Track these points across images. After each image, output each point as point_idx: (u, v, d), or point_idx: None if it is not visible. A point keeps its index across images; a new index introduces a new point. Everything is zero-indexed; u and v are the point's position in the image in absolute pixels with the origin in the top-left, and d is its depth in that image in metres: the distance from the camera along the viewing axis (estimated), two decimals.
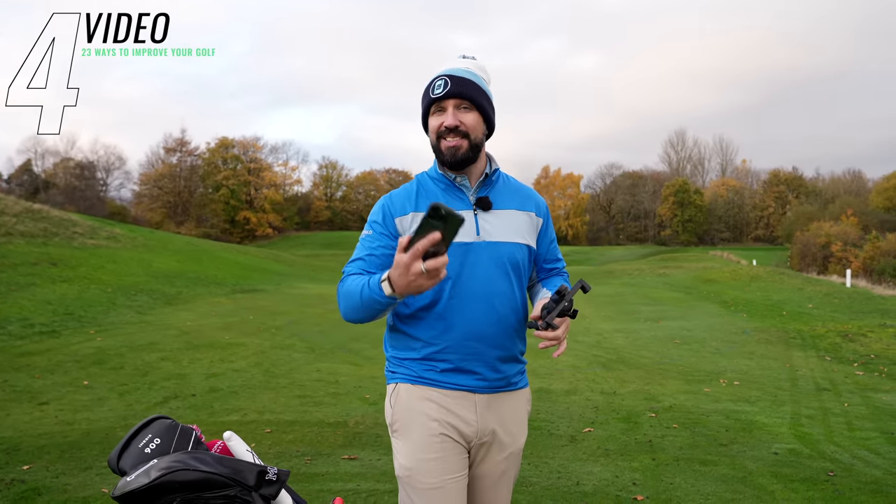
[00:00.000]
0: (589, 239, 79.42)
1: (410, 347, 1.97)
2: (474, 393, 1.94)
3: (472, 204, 1.99)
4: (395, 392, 1.98)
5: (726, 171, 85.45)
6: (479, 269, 1.92)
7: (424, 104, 1.98)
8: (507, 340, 1.97)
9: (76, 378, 7.65)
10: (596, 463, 4.81)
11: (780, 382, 8.02)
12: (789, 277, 23.07)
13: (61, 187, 60.59)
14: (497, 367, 1.96)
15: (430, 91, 1.94)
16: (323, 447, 5.18)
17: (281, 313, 13.98)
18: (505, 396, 2.01)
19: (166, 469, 1.38)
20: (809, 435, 5.69)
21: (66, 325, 10.94)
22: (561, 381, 7.94)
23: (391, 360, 2.04)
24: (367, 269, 1.92)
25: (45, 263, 15.54)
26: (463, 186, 2.00)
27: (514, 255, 1.98)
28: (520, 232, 2.02)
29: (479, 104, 1.95)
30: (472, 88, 1.94)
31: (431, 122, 1.97)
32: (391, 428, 1.99)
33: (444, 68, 1.98)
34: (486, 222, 1.97)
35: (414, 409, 1.93)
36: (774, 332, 12.12)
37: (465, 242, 1.91)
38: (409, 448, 1.92)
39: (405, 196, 2.01)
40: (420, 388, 1.94)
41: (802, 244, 43.10)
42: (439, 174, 2.02)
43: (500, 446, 1.99)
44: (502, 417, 1.99)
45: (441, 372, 1.93)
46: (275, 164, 75.93)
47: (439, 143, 1.95)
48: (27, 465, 4.61)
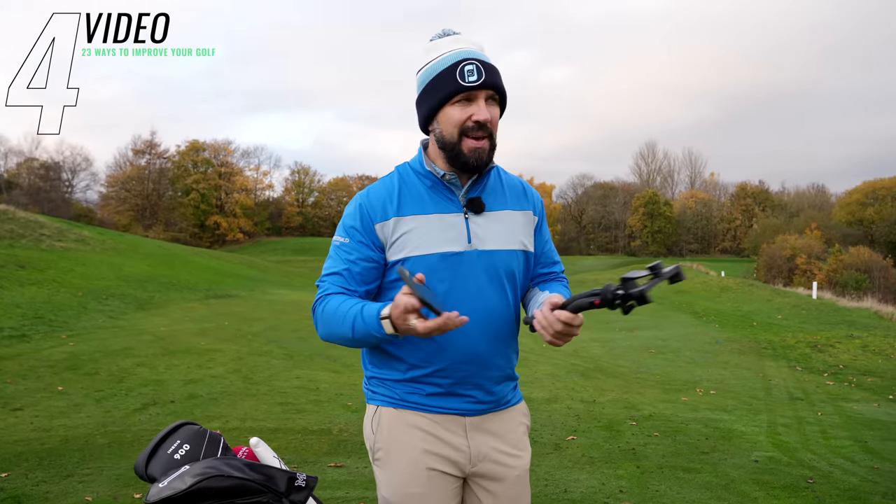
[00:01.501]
0: (560, 248, 79.85)
1: (394, 368, 1.75)
2: (464, 416, 1.75)
3: (462, 206, 1.74)
4: (377, 416, 1.78)
5: (695, 184, 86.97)
6: (471, 283, 1.70)
7: (445, 91, 1.66)
8: (501, 360, 1.77)
9: (50, 384, 7.47)
10: (582, 470, 4.86)
11: (754, 392, 8.18)
12: (758, 289, 23.54)
13: (24, 188, 59.18)
14: (491, 388, 1.76)
15: (459, 76, 1.64)
16: (308, 455, 5.15)
17: (257, 319, 13.83)
18: (498, 416, 1.80)
19: (201, 475, 1.38)
20: (787, 443, 5.81)
21: (37, 329, 10.69)
22: (541, 389, 8.00)
23: (371, 379, 1.83)
24: (346, 286, 1.70)
25: (12, 266, 15.18)
26: (452, 185, 1.75)
27: (510, 264, 1.77)
28: (516, 236, 1.79)
29: (504, 100, 1.75)
30: (501, 78, 1.71)
31: (452, 112, 1.67)
32: (372, 455, 1.80)
33: (460, 48, 1.70)
34: (478, 227, 1.73)
35: (398, 437, 1.74)
36: (746, 343, 12.35)
37: (455, 252, 1.69)
38: (392, 480, 1.73)
39: (385, 195, 1.74)
40: (404, 412, 1.74)
41: (769, 256, 44.03)
42: (426, 170, 1.76)
43: (502, 471, 1.78)
44: (497, 438, 1.79)
45: (427, 396, 1.73)
46: (246, 169, 75.32)
47: (461, 141, 1.67)
48: (5, 473, 4.50)
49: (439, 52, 1.70)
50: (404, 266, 1.68)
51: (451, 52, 1.69)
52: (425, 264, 1.67)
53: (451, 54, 1.68)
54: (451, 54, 1.68)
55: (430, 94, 1.70)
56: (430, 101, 1.71)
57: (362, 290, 1.73)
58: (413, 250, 1.69)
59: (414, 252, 1.68)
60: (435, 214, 1.72)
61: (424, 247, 1.69)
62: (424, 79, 1.72)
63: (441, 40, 1.73)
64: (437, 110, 1.70)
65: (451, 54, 1.68)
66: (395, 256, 1.71)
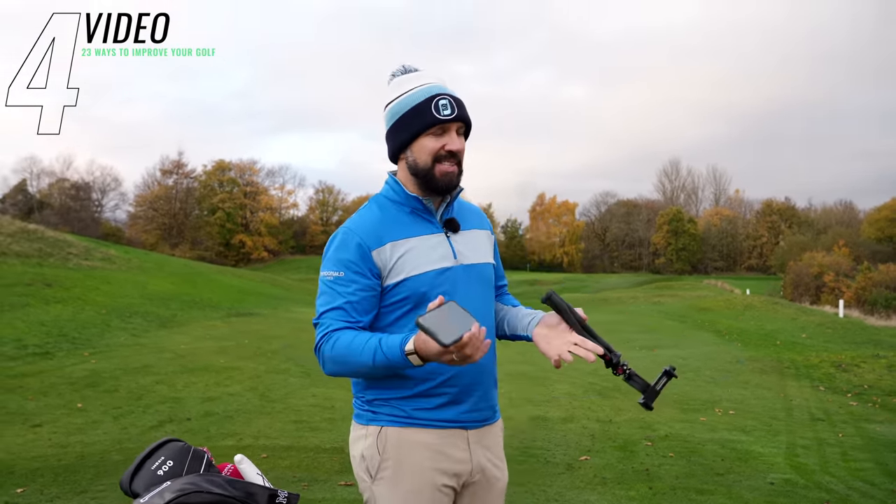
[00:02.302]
0: (584, 266, 79.56)
1: (401, 386, 1.81)
2: (466, 430, 1.85)
3: (441, 227, 1.89)
4: (382, 436, 1.81)
5: (720, 201, 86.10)
6: (465, 294, 1.82)
7: (422, 123, 1.80)
8: (493, 364, 1.93)
9: (70, 400, 7.60)
10: (593, 491, 4.81)
11: (774, 412, 8.04)
12: (783, 307, 23.17)
13: (56, 207, 60.47)
14: (488, 393, 1.90)
15: (434, 110, 1.78)
16: (319, 473, 5.16)
17: (276, 337, 13.94)
18: (489, 430, 1.93)
19: (180, 491, 1.40)
20: (805, 465, 5.70)
21: (60, 346, 10.89)
22: (557, 408, 7.94)
23: (372, 400, 1.86)
24: (349, 319, 1.76)
25: (39, 284, 15.49)
26: (428, 209, 1.89)
27: (489, 275, 1.96)
28: (486, 251, 1.98)
29: (469, 129, 1.91)
30: (467, 113, 1.87)
31: (427, 142, 1.81)
32: (372, 475, 1.82)
33: (430, 83, 1.84)
34: (459, 244, 1.89)
35: (405, 456, 1.79)
36: (769, 362, 12.15)
37: (447, 268, 1.83)
38: (397, 499, 1.78)
39: (374, 224, 1.85)
40: (411, 430, 1.81)
41: (795, 274, 43.30)
42: (405, 196, 1.88)
43: (490, 483, 1.90)
44: (490, 451, 1.92)
45: (435, 408, 1.81)
46: (271, 188, 76.16)
47: (433, 167, 1.81)
48: (21, 489, 4.58)
49: (408, 87, 1.83)
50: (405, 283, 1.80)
51: (423, 86, 1.83)
52: (425, 281, 1.80)
53: (422, 89, 1.82)
54: (422, 89, 1.82)
55: (405, 125, 1.83)
56: (404, 132, 1.84)
57: (366, 320, 1.80)
58: (412, 270, 1.80)
59: (413, 272, 1.80)
60: (422, 236, 1.86)
61: (421, 266, 1.81)
62: (397, 112, 1.85)
63: (407, 76, 1.86)
64: (412, 141, 1.83)
65: (423, 89, 1.82)
66: (395, 279, 1.81)
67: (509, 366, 11.25)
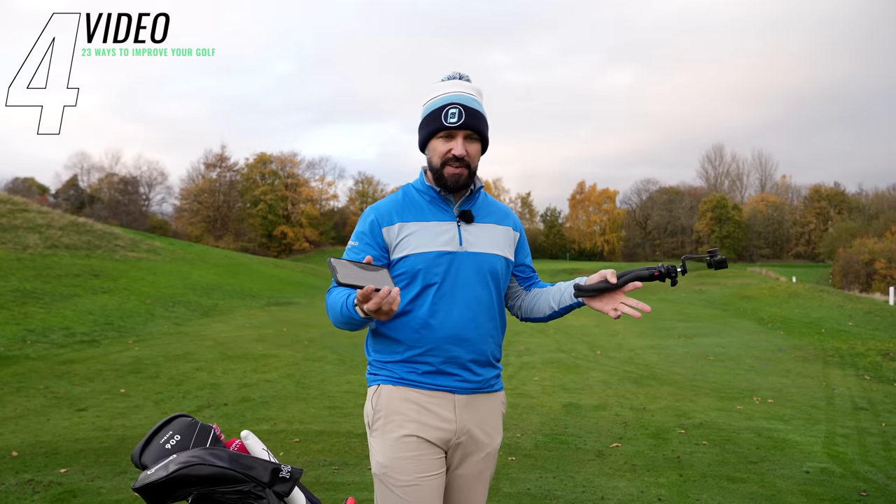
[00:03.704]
0: (625, 255, 78.57)
1: (393, 351, 2.04)
2: (454, 393, 2.02)
3: (455, 216, 2.09)
4: (377, 393, 2.05)
5: (765, 187, 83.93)
6: (461, 277, 2.02)
7: (432, 127, 2.04)
8: (484, 345, 2.06)
9: (114, 386, 7.86)
10: (622, 478, 4.78)
11: (815, 401, 7.85)
12: (829, 294, 22.53)
13: (106, 202, 62.35)
14: (475, 370, 2.05)
15: (443, 117, 2.01)
16: (350, 457, 5.24)
17: (314, 326, 14.15)
18: (482, 398, 2.09)
19: (184, 463, 1.46)
20: (843, 454, 5.56)
21: (106, 334, 11.25)
22: (591, 396, 7.89)
23: (374, 363, 2.11)
24: None
25: (87, 275, 16.00)
26: (448, 199, 2.10)
27: (494, 266, 2.09)
28: (499, 244, 2.13)
29: (484, 137, 2.08)
30: (481, 121, 2.05)
31: (437, 145, 2.04)
32: (370, 427, 2.06)
33: (452, 92, 2.05)
34: (468, 234, 2.07)
35: (394, 409, 2.01)
36: (812, 350, 11.85)
37: (449, 252, 2.02)
38: (385, 447, 1.99)
39: (392, 206, 2.10)
40: (401, 388, 2.02)
41: (845, 261, 42.01)
42: (426, 186, 2.12)
43: (477, 447, 2.07)
44: (479, 418, 2.07)
45: (422, 374, 2.01)
46: (311, 180, 76.91)
47: (443, 168, 2.03)
48: (64, 469, 4.76)
49: (437, 94, 2.07)
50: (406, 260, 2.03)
51: (445, 94, 2.05)
52: (425, 259, 2.02)
53: (443, 97, 2.05)
54: (443, 97, 2.05)
55: (423, 127, 2.10)
56: (422, 133, 2.10)
57: None
58: (414, 249, 2.03)
59: (415, 250, 2.03)
60: (433, 222, 2.08)
61: (423, 246, 2.03)
62: (423, 114, 2.11)
63: (444, 83, 2.10)
64: (427, 141, 2.09)
65: (443, 97, 2.05)
66: (399, 254, 2.04)
67: (544, 353, 11.22)
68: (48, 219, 20.62)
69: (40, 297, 13.13)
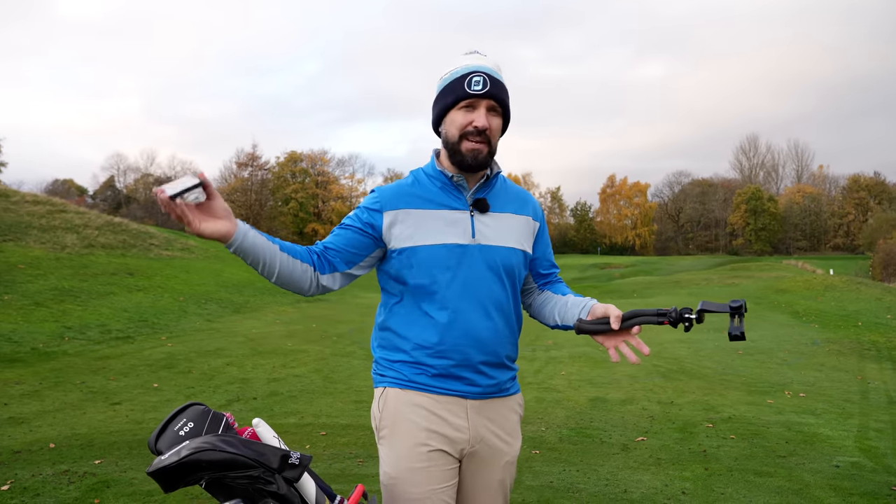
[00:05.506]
0: (657, 249, 77.73)
1: (400, 349, 1.88)
2: (465, 398, 1.86)
3: (468, 205, 1.89)
4: (384, 396, 1.89)
5: (802, 178, 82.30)
6: (473, 273, 1.84)
7: (453, 97, 1.84)
8: (497, 346, 1.88)
9: (147, 381, 8.05)
10: (646, 471, 4.76)
11: (849, 395, 7.70)
12: (867, 287, 22.00)
13: (141, 202, 63.59)
14: (488, 372, 1.87)
15: (467, 85, 1.81)
16: (374, 450, 5.29)
17: (343, 321, 14.29)
18: (496, 402, 1.92)
19: (195, 449, 1.50)
20: (876, 448, 5.45)
21: (141, 331, 11.50)
22: (618, 390, 7.85)
23: (380, 361, 1.94)
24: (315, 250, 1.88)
25: (122, 273, 16.37)
26: (461, 186, 1.90)
27: (510, 260, 1.90)
28: (516, 236, 1.93)
29: (507, 111, 1.90)
30: (506, 94, 1.87)
31: (456, 116, 1.84)
32: (378, 434, 1.90)
33: (474, 62, 1.86)
34: (482, 225, 1.88)
35: (402, 415, 1.84)
36: (847, 344, 11.61)
37: (459, 244, 1.84)
38: (394, 456, 1.83)
39: (399, 190, 1.91)
40: (409, 392, 1.85)
41: (885, 252, 40.91)
42: (437, 171, 1.92)
43: (494, 455, 1.90)
44: (495, 424, 1.90)
45: (432, 377, 1.84)
46: (341, 177, 77.56)
47: (461, 142, 1.84)
48: (98, 460, 4.90)
49: (457, 65, 1.88)
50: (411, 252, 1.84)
51: (466, 65, 1.86)
52: (433, 253, 1.83)
53: (464, 67, 1.86)
54: (464, 67, 1.86)
55: (441, 98, 1.89)
56: (440, 104, 1.90)
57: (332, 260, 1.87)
58: (421, 240, 1.84)
59: (423, 241, 1.84)
60: (443, 210, 1.87)
61: (431, 237, 1.84)
62: (440, 86, 1.91)
63: (464, 56, 1.90)
64: (445, 113, 1.88)
65: (465, 67, 1.86)
66: (403, 244, 1.84)
67: (572, 348, 11.17)
68: (85, 219, 21.12)
69: (77, 295, 13.48)
